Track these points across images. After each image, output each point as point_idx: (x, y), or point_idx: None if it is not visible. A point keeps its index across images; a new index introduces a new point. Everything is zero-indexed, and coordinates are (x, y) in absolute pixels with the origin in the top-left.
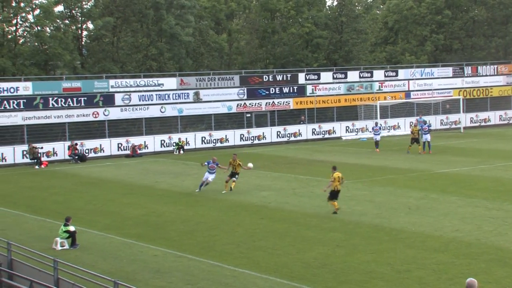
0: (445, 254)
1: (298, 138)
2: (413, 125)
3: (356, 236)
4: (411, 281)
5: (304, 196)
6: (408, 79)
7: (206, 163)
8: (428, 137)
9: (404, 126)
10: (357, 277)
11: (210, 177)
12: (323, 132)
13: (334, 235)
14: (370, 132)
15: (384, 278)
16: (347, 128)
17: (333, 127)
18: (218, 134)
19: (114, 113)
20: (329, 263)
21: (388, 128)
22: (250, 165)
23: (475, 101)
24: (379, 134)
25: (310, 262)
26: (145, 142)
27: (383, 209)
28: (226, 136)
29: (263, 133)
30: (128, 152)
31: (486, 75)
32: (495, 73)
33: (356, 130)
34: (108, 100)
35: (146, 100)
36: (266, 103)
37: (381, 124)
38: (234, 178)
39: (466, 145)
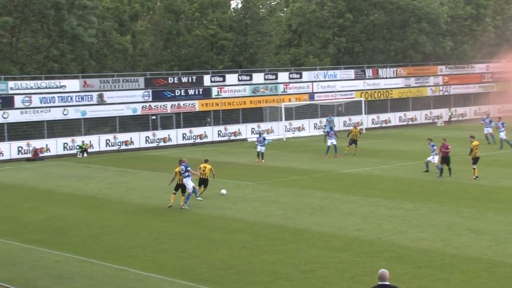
0: (347, 253)
1: (204, 140)
2: (353, 127)
3: (261, 237)
4: (315, 280)
5: (210, 198)
6: (312, 81)
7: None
8: (334, 141)
9: (308, 127)
10: (263, 277)
11: (191, 184)
12: (228, 134)
13: (240, 236)
14: (254, 136)
15: (289, 278)
16: (253, 130)
17: (239, 129)
18: (123, 136)
19: (13, 116)
20: (235, 264)
21: (293, 129)
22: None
23: (376, 102)
24: (263, 145)
25: (216, 264)
26: (47, 145)
27: (288, 209)
28: (131, 138)
29: (169, 135)
30: (29, 155)
31: (386, 78)
32: (395, 76)
33: (261, 132)
34: (7, 102)
35: (47, 102)
36: (172, 105)
37: (264, 136)
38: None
39: (368, 146)
